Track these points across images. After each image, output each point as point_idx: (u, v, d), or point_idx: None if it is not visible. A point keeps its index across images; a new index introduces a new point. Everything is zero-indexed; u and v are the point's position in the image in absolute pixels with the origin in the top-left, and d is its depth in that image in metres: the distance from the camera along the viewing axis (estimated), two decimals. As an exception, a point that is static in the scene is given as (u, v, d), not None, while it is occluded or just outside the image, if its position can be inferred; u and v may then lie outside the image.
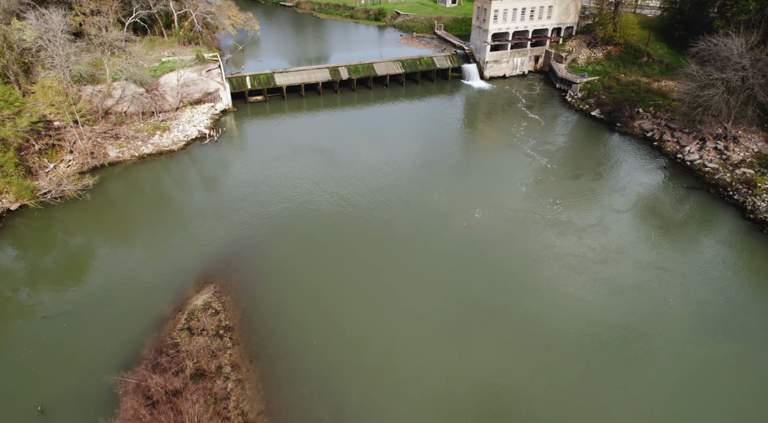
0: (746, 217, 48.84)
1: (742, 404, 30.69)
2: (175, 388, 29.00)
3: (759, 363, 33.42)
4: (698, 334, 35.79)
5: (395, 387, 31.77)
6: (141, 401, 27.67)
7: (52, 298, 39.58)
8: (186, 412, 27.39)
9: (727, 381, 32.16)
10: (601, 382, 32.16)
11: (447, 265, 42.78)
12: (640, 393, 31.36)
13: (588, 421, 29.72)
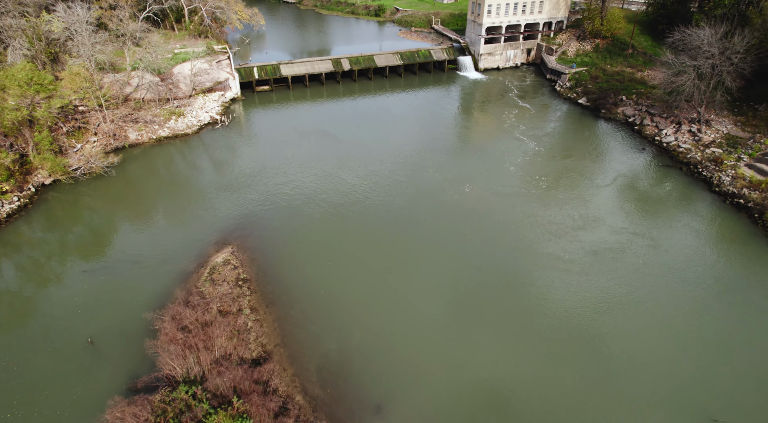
0: (712, 190, 54.01)
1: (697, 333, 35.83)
2: (205, 320, 34.17)
3: (709, 304, 38.56)
4: (663, 283, 40.93)
5: (391, 325, 36.92)
6: (176, 328, 32.83)
7: (89, 258, 44.79)
8: (215, 337, 32.56)
9: (685, 318, 37.30)
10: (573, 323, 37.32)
11: (438, 229, 47.95)
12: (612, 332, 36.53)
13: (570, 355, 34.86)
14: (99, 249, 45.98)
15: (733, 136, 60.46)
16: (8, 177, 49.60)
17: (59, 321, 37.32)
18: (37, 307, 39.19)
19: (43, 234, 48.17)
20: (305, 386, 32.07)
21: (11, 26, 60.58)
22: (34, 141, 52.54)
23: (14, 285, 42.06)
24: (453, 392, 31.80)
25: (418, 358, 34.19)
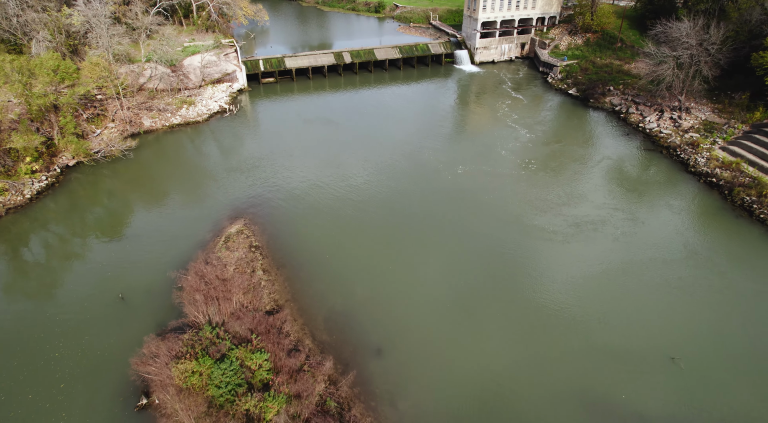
0: (688, 170, 58.39)
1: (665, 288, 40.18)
2: (224, 277, 38.53)
3: (677, 265, 42.88)
4: (638, 249, 45.27)
5: (390, 284, 41.28)
6: (199, 282, 37.19)
7: (113, 230, 49.20)
8: (233, 291, 36.93)
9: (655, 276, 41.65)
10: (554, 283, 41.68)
11: (432, 203, 52.33)
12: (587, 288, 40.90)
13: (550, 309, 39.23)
14: (122, 223, 50.41)
15: (710, 122, 64.79)
16: (37, 158, 53.96)
17: (92, 282, 41.70)
18: (71, 271, 43.62)
19: (69, 209, 52.56)
20: (314, 333, 36.45)
21: (34, 20, 64.95)
22: (59, 125, 56.91)
23: (48, 253, 46.50)
24: (443, 337, 36.18)
25: (413, 310, 38.57)
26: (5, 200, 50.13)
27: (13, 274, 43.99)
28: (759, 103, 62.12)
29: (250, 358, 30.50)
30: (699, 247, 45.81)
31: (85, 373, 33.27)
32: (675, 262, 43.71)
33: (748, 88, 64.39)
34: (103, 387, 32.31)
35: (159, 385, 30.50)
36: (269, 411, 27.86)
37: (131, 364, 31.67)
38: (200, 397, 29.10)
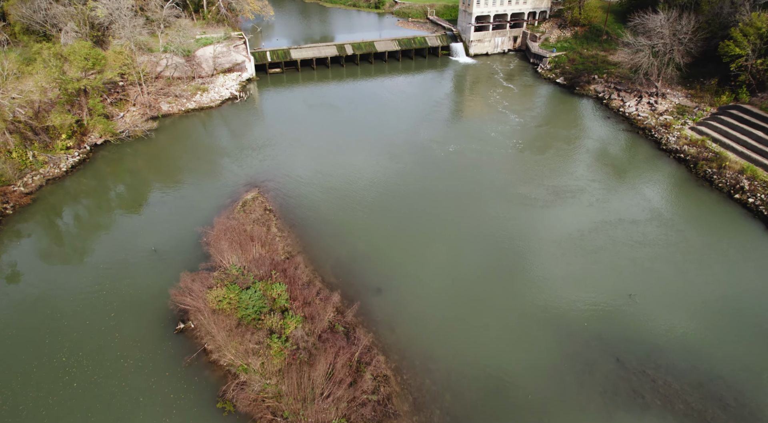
0: (661, 148, 64.58)
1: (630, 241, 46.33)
2: (243, 231, 44.69)
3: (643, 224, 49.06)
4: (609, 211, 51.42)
5: (389, 239, 47.48)
6: (224, 233, 43.36)
7: (141, 197, 55.47)
8: (252, 242, 43.08)
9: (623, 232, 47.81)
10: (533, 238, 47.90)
11: (424, 174, 58.60)
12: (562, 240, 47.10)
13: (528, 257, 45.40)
14: (148, 192, 56.67)
15: (683, 105, 70.96)
16: (71, 135, 60.18)
17: (126, 240, 47.93)
18: (107, 231, 49.86)
19: (100, 181, 58.76)
20: (323, 276, 42.64)
21: (62, 13, 71.11)
22: (88, 107, 63.12)
23: (86, 217, 52.80)
24: (432, 280, 42.36)
25: (407, 259, 44.74)
26: (46, 172, 56.36)
27: (58, 234, 50.29)
28: (726, 87, 68.28)
29: (270, 288, 36.70)
30: (663, 211, 52.01)
31: (131, 306, 39.53)
32: (641, 222, 49.89)
33: (717, 75, 70.52)
34: (146, 315, 38.56)
35: (194, 311, 36.69)
36: (288, 326, 34.04)
37: (170, 294, 37.86)
38: (230, 318, 35.27)
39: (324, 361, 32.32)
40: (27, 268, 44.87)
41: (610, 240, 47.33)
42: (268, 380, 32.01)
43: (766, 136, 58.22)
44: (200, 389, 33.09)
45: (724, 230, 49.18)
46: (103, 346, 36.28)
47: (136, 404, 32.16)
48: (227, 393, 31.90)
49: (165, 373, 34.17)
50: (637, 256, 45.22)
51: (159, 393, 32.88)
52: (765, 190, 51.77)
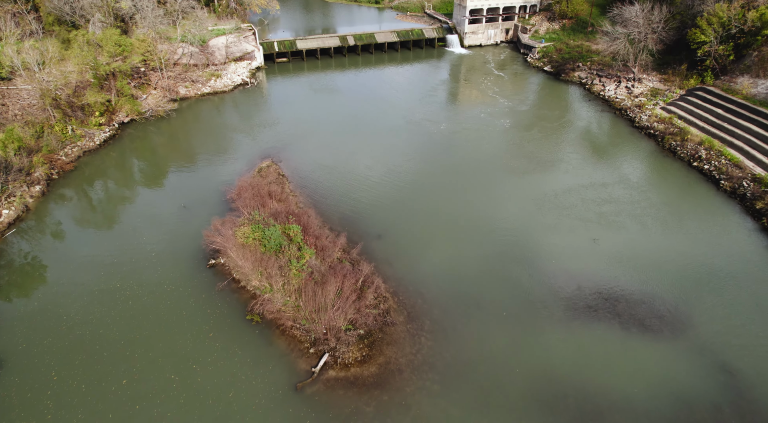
0: (634, 125, 72.00)
1: (600, 198, 53.69)
2: (261, 189, 52.06)
3: (613, 185, 56.49)
4: (583, 176, 58.80)
5: (387, 195, 54.87)
6: (245, 188, 50.73)
7: (166, 166, 62.87)
8: (270, 198, 50.44)
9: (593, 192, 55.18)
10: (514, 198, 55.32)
11: (416, 146, 66.02)
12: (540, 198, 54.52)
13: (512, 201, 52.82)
14: (172, 162, 64.09)
15: (656, 89, 78.39)
16: (103, 113, 67.58)
17: (158, 199, 55.42)
18: (140, 194, 57.34)
19: (129, 153, 66.20)
20: (331, 225, 49.98)
21: (89, 4, 78.49)
22: (116, 88, 70.53)
23: (120, 182, 60.22)
24: (426, 229, 49.78)
25: (403, 213, 52.16)
26: (82, 145, 63.73)
27: (98, 194, 57.72)
28: (694, 72, 75.70)
29: (288, 228, 44.08)
30: (630, 176, 59.43)
31: (168, 248, 46.97)
32: (609, 185, 57.26)
33: (687, 61, 77.87)
34: (182, 254, 45.98)
35: (224, 249, 44.06)
36: (304, 256, 41.42)
37: (203, 235, 45.26)
38: (255, 252, 42.61)
39: (334, 283, 39.63)
40: (75, 221, 52.34)
41: (580, 199, 54.74)
42: (288, 297, 39.40)
43: (724, 113, 65.65)
44: (231, 307, 40.49)
45: (680, 191, 56.64)
46: (149, 276, 43.67)
47: (180, 317, 39.55)
48: (254, 308, 39.29)
49: (201, 296, 41.58)
50: (603, 211, 52.61)
51: (198, 310, 40.27)
52: (718, 159, 59.21)
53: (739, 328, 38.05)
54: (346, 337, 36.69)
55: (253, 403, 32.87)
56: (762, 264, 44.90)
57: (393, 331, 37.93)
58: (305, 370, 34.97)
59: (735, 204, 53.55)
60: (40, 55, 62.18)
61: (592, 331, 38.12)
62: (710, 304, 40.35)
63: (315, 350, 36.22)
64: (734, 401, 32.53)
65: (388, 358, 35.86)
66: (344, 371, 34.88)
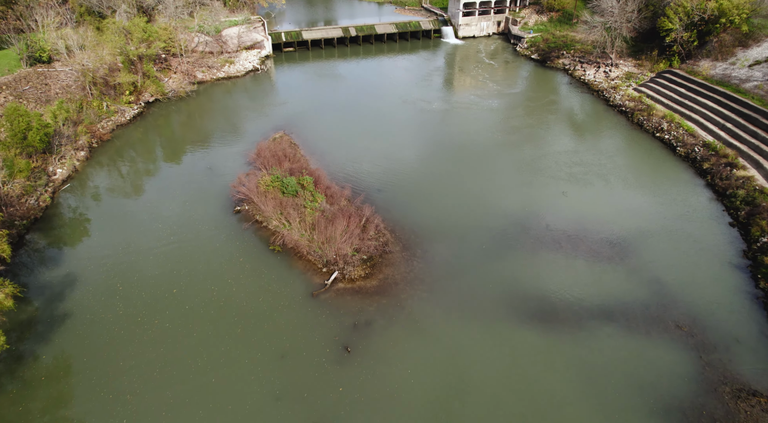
0: (608, 104, 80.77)
1: (571, 161, 62.36)
2: (276, 151, 60.74)
3: (583, 151, 65.24)
4: (556, 142, 67.55)
5: (385, 157, 63.57)
6: (264, 149, 59.39)
7: (189, 138, 71.65)
8: (285, 160, 59.12)
9: (563, 154, 63.89)
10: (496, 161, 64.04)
11: (409, 120, 74.85)
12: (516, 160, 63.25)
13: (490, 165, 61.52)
14: (196, 134, 72.96)
15: (630, 72, 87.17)
16: (132, 92, 76.35)
17: (184, 163, 64.15)
18: (167, 160, 66.09)
19: (156, 128, 75.02)
20: (337, 182, 58.66)
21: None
22: (143, 71, 79.29)
23: (150, 150, 69.06)
24: (419, 185, 58.50)
25: (399, 171, 60.88)
26: (115, 119, 72.52)
27: (133, 160, 66.48)
28: (663, 57, 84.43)
29: (302, 179, 52.79)
30: (601, 144, 68.23)
31: (199, 200, 55.70)
32: (581, 151, 65.99)
33: (658, 47, 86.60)
34: (211, 204, 54.73)
35: (248, 196, 52.73)
36: (317, 199, 50.13)
37: (230, 186, 54.00)
38: (274, 198, 51.27)
39: (341, 221, 48.25)
40: (115, 181, 61.12)
41: (554, 162, 63.46)
42: (304, 231, 48.09)
43: (685, 91, 74.41)
44: (256, 241, 49.20)
45: (642, 156, 65.38)
46: (184, 220, 52.38)
47: (214, 249, 48.24)
48: (276, 241, 48.00)
49: (230, 234, 50.30)
50: (573, 171, 61.31)
51: (228, 243, 48.97)
52: (677, 130, 67.91)
53: (674, 257, 46.69)
54: (352, 260, 45.36)
55: (279, 305, 41.56)
56: (704, 211, 53.60)
57: (390, 257, 46.61)
58: (319, 283, 43.67)
59: (687, 166, 62.31)
60: (80, 40, 70.94)
61: (554, 258, 46.78)
62: (656, 240, 48.98)
63: (327, 270, 44.90)
64: (659, 301, 41.21)
65: (386, 275, 44.56)
66: (351, 284, 43.58)
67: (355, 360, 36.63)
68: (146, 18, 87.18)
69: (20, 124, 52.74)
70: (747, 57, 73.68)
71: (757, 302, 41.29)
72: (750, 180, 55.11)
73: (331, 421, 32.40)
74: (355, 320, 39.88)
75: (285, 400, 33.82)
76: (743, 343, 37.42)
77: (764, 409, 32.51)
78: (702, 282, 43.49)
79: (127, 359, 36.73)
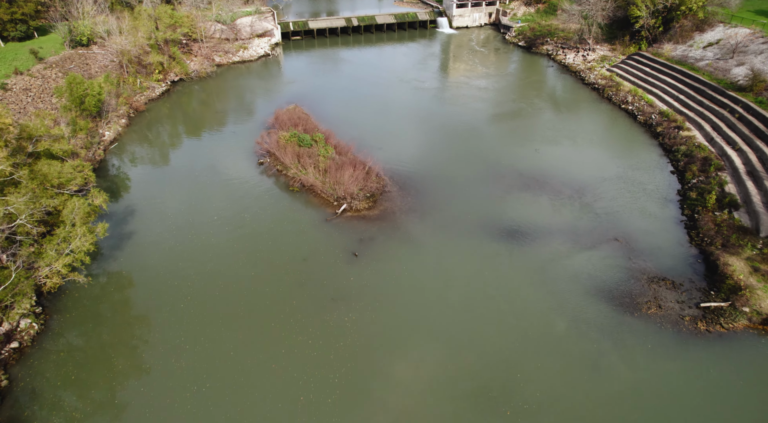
0: (584, 83, 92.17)
1: (545, 127, 73.64)
2: (291, 116, 71.97)
3: (557, 120, 76.53)
4: (534, 114, 78.88)
5: (384, 124, 74.86)
6: (282, 115, 70.63)
7: (212, 109, 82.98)
8: (301, 123, 70.35)
9: (539, 122, 75.17)
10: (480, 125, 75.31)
11: (402, 97, 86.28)
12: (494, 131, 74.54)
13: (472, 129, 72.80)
14: (218, 106, 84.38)
15: (605, 56, 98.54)
16: (161, 71, 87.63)
17: (211, 129, 75.47)
18: (195, 127, 77.40)
19: (182, 102, 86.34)
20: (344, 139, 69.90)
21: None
22: (169, 53, 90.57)
23: (179, 120, 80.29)
24: (413, 144, 69.76)
25: (396, 134, 72.18)
26: (148, 94, 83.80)
27: (166, 127, 77.72)
28: (633, 41, 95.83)
29: (315, 135, 63.98)
30: (573, 115, 79.53)
31: (227, 156, 66.97)
32: (555, 120, 77.32)
33: (629, 33, 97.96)
34: (238, 158, 66.02)
35: (270, 150, 63.91)
36: (329, 150, 61.32)
37: (255, 142, 65.24)
38: (292, 152, 62.42)
39: (348, 168, 59.43)
40: (152, 143, 72.37)
41: (531, 128, 74.78)
42: (318, 175, 59.31)
43: (650, 70, 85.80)
44: (278, 184, 60.44)
45: (608, 123, 76.72)
46: (215, 172, 63.61)
47: (243, 190, 59.42)
48: (294, 183, 59.25)
49: (257, 180, 61.50)
50: (546, 135, 72.60)
51: (254, 186, 60.17)
52: (639, 102, 79.20)
53: (622, 195, 57.88)
54: (357, 196, 56.55)
55: (300, 227, 52.80)
56: (652, 162, 64.79)
57: (389, 195, 57.86)
58: (331, 212, 54.90)
59: (645, 130, 73.62)
60: (118, 26, 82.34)
61: (523, 196, 57.98)
62: (609, 183, 60.10)
63: (337, 203, 56.14)
64: (604, 225, 52.43)
65: (386, 207, 55.80)
66: (357, 213, 54.81)
67: (362, 261, 47.85)
68: (171, 6, 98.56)
69: (78, 91, 63.90)
70: (702, 40, 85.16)
71: (680, 224, 52.57)
72: (692, 138, 66.41)
73: (344, 297, 43.61)
74: (361, 236, 51.13)
75: (307, 286, 45.02)
76: (663, 250, 48.70)
77: (667, 287, 43.79)
78: (641, 211, 54.76)
79: (186, 269, 47.95)
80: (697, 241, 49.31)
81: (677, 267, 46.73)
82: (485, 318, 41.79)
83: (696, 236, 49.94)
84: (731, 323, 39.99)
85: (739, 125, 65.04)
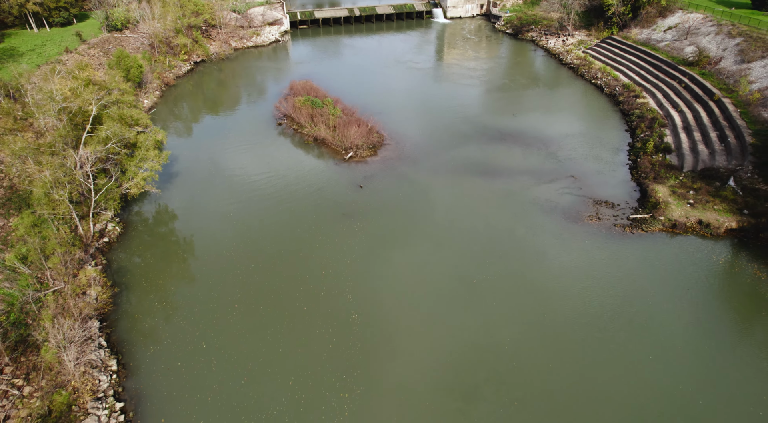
0: (561, 63, 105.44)
1: (527, 104, 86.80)
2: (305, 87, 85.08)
3: (534, 97, 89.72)
4: (516, 94, 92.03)
5: (383, 93, 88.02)
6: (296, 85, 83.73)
7: (233, 84, 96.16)
8: (313, 91, 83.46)
9: (523, 95, 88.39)
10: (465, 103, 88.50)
11: (398, 75, 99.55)
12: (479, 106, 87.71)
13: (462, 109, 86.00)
14: (238, 82, 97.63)
15: (582, 40, 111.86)
16: (186, 52, 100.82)
17: (236, 99, 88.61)
18: (220, 98, 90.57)
19: (205, 79, 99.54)
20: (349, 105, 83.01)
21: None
22: (193, 37, 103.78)
23: (205, 93, 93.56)
24: (409, 112, 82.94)
25: (394, 103, 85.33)
26: (175, 72, 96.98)
27: (193, 99, 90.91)
28: (606, 27, 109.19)
29: (326, 100, 77.13)
30: (551, 89, 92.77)
31: (250, 119, 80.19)
32: (535, 93, 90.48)
33: (603, 19, 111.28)
34: (259, 121, 79.17)
35: (287, 111, 77.01)
36: (337, 111, 74.49)
37: (273, 106, 78.38)
38: (306, 113, 75.44)
39: (354, 125, 72.50)
40: (182, 110, 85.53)
41: (512, 98, 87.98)
42: (328, 131, 72.39)
43: (618, 51, 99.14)
44: (295, 139, 73.56)
45: (579, 95, 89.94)
46: (241, 133, 76.73)
47: (266, 144, 72.57)
48: (308, 139, 72.37)
49: (276, 137, 74.59)
50: (524, 103, 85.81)
51: (276, 139, 73.28)
52: (607, 77, 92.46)
53: (582, 147, 70.92)
54: (361, 146, 69.62)
55: (315, 168, 65.96)
56: (611, 123, 77.97)
57: (388, 146, 70.98)
58: (340, 158, 68.02)
59: (609, 100, 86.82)
60: (151, 12, 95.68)
61: (499, 147, 71.12)
62: (572, 138, 73.18)
63: (345, 151, 69.20)
64: (563, 167, 65.56)
65: (385, 154, 68.92)
66: (361, 159, 67.91)
67: (366, 191, 60.98)
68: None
69: (126, 63, 77.03)
70: (664, 24, 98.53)
71: (626, 166, 65.78)
72: (645, 104, 79.58)
73: (352, 214, 56.65)
74: (365, 174, 64.28)
75: (322, 207, 58.12)
76: (609, 183, 61.92)
77: (607, 207, 57.00)
78: (595, 157, 67.92)
79: (224, 199, 61.04)
80: (636, 176, 62.53)
81: (618, 194, 59.89)
82: (462, 228, 54.86)
83: (636, 173, 63.14)
84: (650, 228, 53.12)
85: (684, 93, 78.35)
